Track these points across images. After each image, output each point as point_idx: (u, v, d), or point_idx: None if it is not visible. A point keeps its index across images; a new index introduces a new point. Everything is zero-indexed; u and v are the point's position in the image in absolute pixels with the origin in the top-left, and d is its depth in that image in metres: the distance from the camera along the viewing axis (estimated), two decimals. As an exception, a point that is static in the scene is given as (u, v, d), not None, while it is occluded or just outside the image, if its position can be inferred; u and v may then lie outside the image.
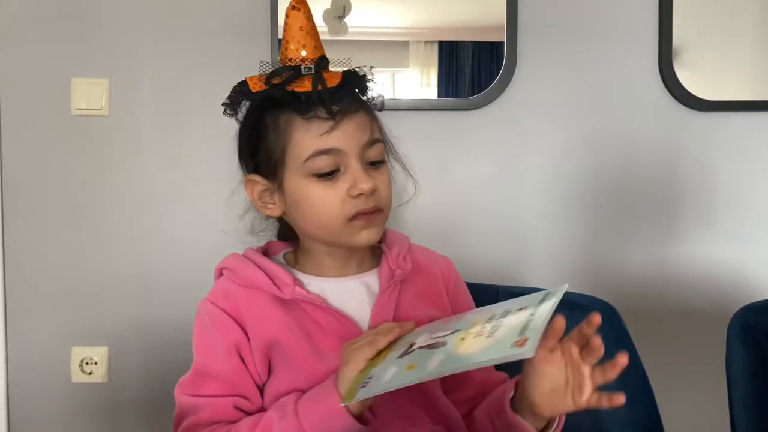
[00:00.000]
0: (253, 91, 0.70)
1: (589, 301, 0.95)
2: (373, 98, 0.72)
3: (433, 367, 0.57)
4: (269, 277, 0.71)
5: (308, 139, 0.67)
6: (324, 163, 0.68)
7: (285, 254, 0.79)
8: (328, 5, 1.38)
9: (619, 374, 0.61)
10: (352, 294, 0.74)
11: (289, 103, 0.68)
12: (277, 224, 0.81)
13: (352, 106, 0.68)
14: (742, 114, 1.41)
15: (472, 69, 1.43)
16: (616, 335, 0.91)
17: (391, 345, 0.63)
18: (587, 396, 0.61)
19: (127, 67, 1.39)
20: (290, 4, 0.70)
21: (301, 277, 0.74)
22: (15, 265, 1.40)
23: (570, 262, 1.43)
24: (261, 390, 0.72)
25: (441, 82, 1.44)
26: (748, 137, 1.42)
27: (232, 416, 0.69)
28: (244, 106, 0.75)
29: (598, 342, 0.61)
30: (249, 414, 0.70)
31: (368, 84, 0.71)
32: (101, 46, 1.39)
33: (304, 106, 0.67)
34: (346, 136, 0.68)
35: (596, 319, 0.61)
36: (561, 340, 0.62)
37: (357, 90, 0.71)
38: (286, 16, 0.71)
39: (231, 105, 0.75)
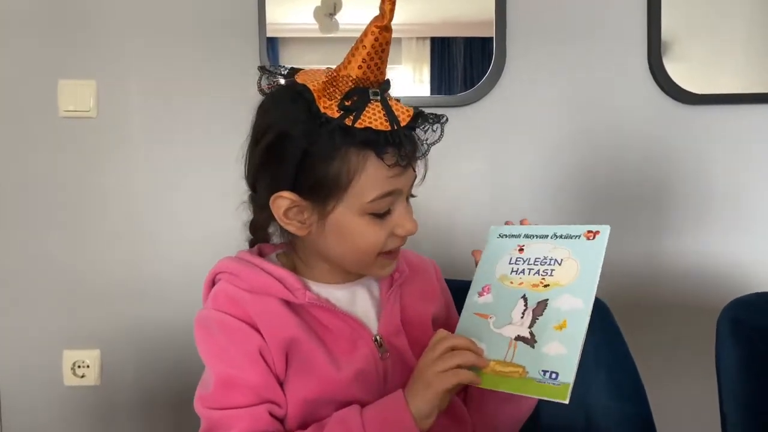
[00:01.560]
0: (322, 110, 0.63)
1: (581, 297, 0.95)
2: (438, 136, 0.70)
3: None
4: (279, 281, 0.69)
5: (379, 179, 0.65)
6: (385, 204, 0.67)
7: (277, 255, 0.77)
8: (318, 2, 1.37)
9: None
10: (357, 299, 0.74)
11: (366, 139, 0.63)
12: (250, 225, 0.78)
13: (421, 148, 0.68)
14: (732, 107, 1.41)
15: (464, 65, 1.43)
16: (606, 331, 0.91)
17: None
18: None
19: (114, 69, 1.38)
20: (383, 24, 0.64)
21: (305, 281, 0.72)
22: (4, 268, 1.39)
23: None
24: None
25: (433, 79, 1.43)
26: (739, 131, 1.42)
27: (270, 425, 0.66)
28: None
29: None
30: (279, 420, 0.67)
31: (433, 128, 0.69)
32: (88, 48, 1.38)
33: (382, 146, 0.64)
34: (408, 177, 0.68)
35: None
36: None
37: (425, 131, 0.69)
38: (371, 32, 0.64)
39: (275, 102, 0.70)
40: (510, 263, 0.72)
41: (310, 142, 0.63)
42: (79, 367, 1.40)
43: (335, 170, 0.64)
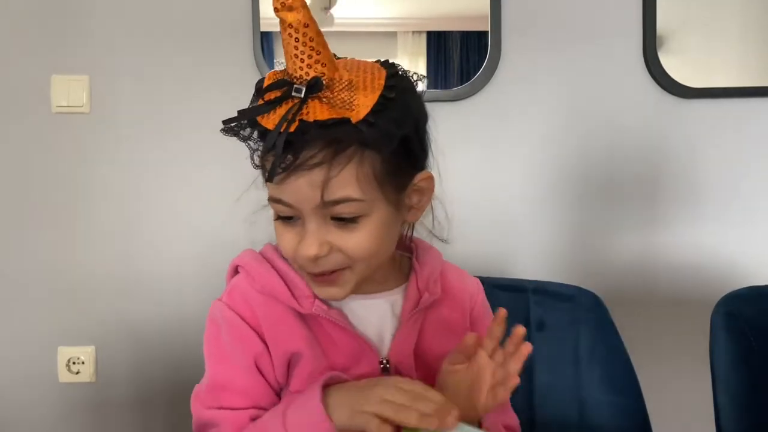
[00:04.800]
0: (256, 89, 0.60)
1: (576, 292, 0.95)
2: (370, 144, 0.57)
3: None
4: (288, 287, 0.65)
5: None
6: (280, 209, 0.60)
7: None
8: (313, -3, 1.37)
9: (519, 346, 0.60)
10: (374, 314, 0.68)
11: (258, 134, 0.59)
12: None
13: (312, 160, 0.56)
14: (727, 101, 1.41)
15: (460, 58, 1.43)
16: (600, 324, 0.92)
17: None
18: (483, 395, 0.60)
19: (107, 64, 1.37)
20: (278, 1, 0.57)
21: None
22: (-2, 265, 1.39)
23: (556, 252, 1.43)
24: (279, 395, 0.68)
25: (430, 72, 1.43)
26: (734, 124, 1.42)
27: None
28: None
29: (520, 331, 0.60)
30: None
31: (360, 131, 0.56)
32: (81, 43, 1.37)
33: (265, 146, 0.58)
34: (296, 192, 0.58)
35: (502, 312, 0.61)
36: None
37: (343, 135, 0.56)
38: (280, 22, 0.59)
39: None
40: None
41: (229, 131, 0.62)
42: (74, 363, 1.40)
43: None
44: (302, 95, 0.55)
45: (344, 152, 0.57)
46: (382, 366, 0.66)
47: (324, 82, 0.56)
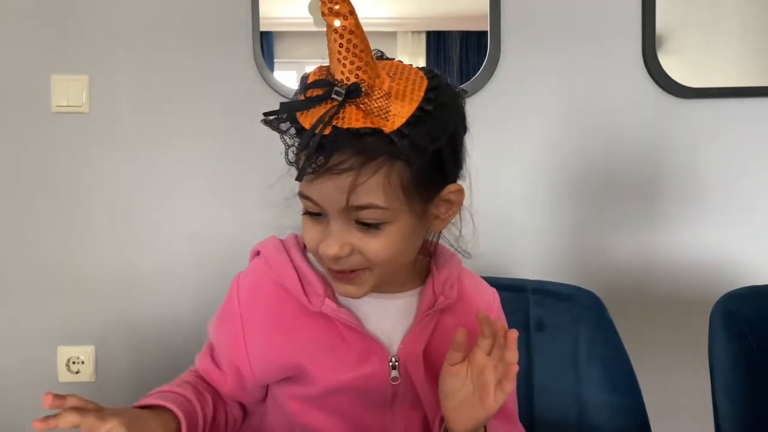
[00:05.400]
0: (301, 83, 0.61)
1: (575, 291, 0.95)
2: (399, 157, 0.57)
3: None
4: (301, 282, 0.66)
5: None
6: (308, 205, 0.61)
7: None
8: (312, -4, 1.37)
9: (511, 347, 0.60)
10: (388, 313, 0.68)
11: (296, 132, 0.59)
12: None
13: (342, 165, 0.56)
14: (726, 101, 1.41)
15: (460, 58, 1.43)
16: (600, 324, 0.92)
17: None
18: (491, 393, 0.60)
19: (107, 64, 1.37)
20: (326, 7, 0.56)
21: None
22: (-2, 265, 1.39)
23: (555, 252, 1.43)
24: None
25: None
26: (733, 124, 1.42)
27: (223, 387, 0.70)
28: None
29: (513, 336, 0.61)
30: (241, 406, 0.71)
31: (390, 144, 0.57)
32: (81, 43, 1.37)
33: (299, 144, 0.59)
34: (323, 193, 0.59)
35: (480, 315, 0.63)
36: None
37: (374, 145, 0.56)
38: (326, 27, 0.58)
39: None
40: None
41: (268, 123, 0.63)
42: (73, 363, 1.40)
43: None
44: (341, 99, 0.56)
45: (374, 161, 0.57)
46: (391, 364, 0.67)
47: (363, 89, 0.56)
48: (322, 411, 0.68)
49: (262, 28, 1.38)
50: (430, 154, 0.58)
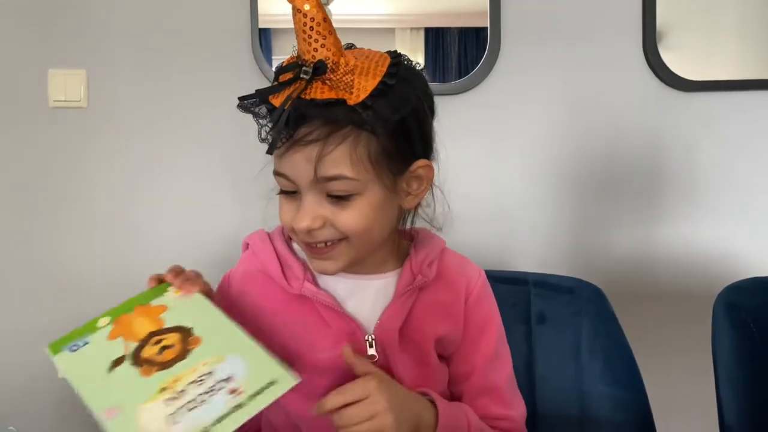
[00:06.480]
0: (275, 71, 0.65)
1: (577, 284, 0.95)
2: (365, 126, 0.60)
3: None
4: (282, 267, 0.70)
5: (275, 154, 0.63)
6: (282, 183, 0.65)
7: None
8: (311, -8, 1.36)
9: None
10: (367, 295, 0.70)
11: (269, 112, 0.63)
12: None
13: (309, 136, 0.60)
14: (727, 94, 1.41)
15: (458, 55, 1.42)
16: (602, 317, 0.91)
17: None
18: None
19: (104, 58, 1.37)
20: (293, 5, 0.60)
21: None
22: (-5, 261, 1.38)
23: (556, 245, 1.43)
24: None
25: (428, 69, 1.42)
26: (734, 117, 1.42)
27: None
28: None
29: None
30: None
31: (357, 113, 0.60)
32: (78, 37, 1.36)
33: (263, 119, 0.64)
34: (294, 166, 0.62)
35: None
36: None
37: (338, 115, 0.59)
38: (294, 12, 0.62)
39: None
40: None
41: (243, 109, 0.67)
42: (72, 359, 1.39)
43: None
44: (308, 77, 0.59)
45: (339, 132, 0.60)
46: (368, 343, 0.69)
47: (329, 65, 0.60)
48: (307, 399, 0.67)
49: (261, 25, 1.37)
50: (393, 124, 0.61)
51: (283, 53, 1.42)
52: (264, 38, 1.38)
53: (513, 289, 0.94)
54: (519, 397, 0.77)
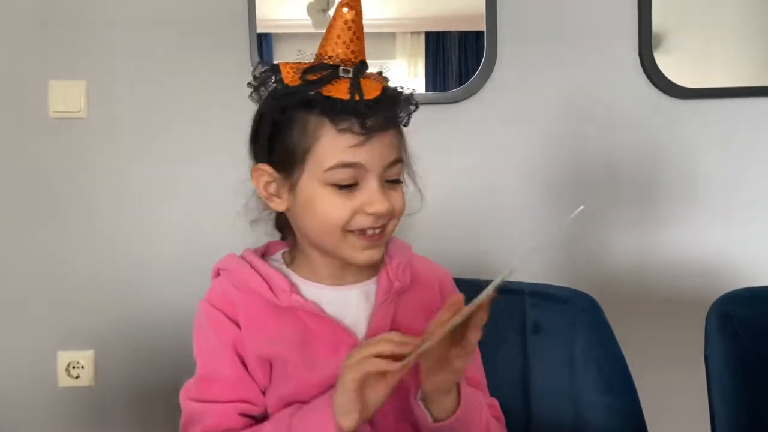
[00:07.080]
0: (286, 82, 0.67)
1: (572, 294, 0.95)
2: (407, 116, 0.70)
3: None
4: (266, 282, 0.70)
5: (335, 149, 0.65)
6: (344, 176, 0.66)
7: (283, 254, 0.78)
8: (311, -2, 1.37)
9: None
10: (350, 303, 0.72)
11: (323, 107, 0.65)
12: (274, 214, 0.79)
13: (386, 123, 0.66)
14: (723, 101, 1.41)
15: (459, 59, 1.43)
16: (596, 325, 0.92)
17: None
18: (453, 359, 0.64)
19: (104, 69, 1.38)
20: (342, 1, 0.68)
21: (298, 281, 0.73)
22: (-2, 270, 1.39)
23: (552, 254, 1.43)
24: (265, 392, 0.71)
25: (428, 73, 1.43)
26: (730, 124, 1.42)
27: (236, 424, 0.68)
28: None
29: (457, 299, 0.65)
30: (254, 419, 0.70)
31: (406, 103, 0.69)
32: (78, 48, 1.37)
33: (338, 114, 0.64)
34: (372, 153, 0.66)
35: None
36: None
37: (392, 107, 0.68)
38: (335, 12, 0.68)
39: (257, 89, 0.71)
40: None
41: (275, 112, 0.68)
42: (73, 368, 1.40)
43: (296, 138, 0.67)
44: (350, 75, 0.66)
45: (395, 120, 0.69)
46: None
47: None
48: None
49: (259, 30, 1.38)
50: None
51: (281, 58, 1.42)
52: (265, 43, 1.39)
53: (508, 298, 0.94)
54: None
